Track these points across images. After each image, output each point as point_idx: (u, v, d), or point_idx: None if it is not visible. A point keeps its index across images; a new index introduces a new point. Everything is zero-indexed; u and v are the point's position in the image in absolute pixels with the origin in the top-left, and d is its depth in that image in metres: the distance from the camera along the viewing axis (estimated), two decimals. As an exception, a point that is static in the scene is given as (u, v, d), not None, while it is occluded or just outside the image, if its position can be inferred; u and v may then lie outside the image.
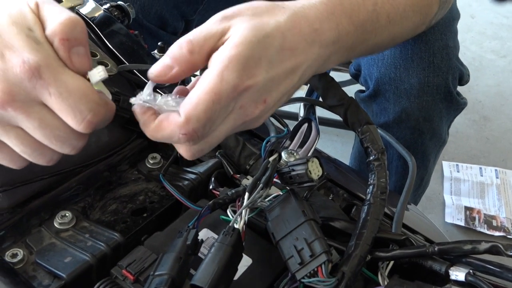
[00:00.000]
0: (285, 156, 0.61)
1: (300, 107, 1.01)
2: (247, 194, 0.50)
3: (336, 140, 1.87)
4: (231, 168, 0.62)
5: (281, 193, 0.54)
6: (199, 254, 0.50)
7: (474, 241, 0.48)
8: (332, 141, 1.87)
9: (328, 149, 1.82)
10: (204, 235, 0.53)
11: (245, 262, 0.51)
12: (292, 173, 0.51)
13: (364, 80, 0.93)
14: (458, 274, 0.48)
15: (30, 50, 0.39)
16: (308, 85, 0.97)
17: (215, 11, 1.10)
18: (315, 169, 0.51)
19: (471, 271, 0.47)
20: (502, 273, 0.46)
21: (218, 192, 0.58)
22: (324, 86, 0.57)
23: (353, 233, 0.51)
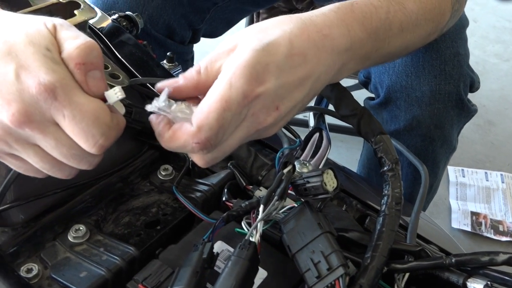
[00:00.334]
0: (297, 166, 0.61)
1: (310, 116, 1.01)
2: (262, 206, 0.49)
3: (341, 146, 1.87)
4: (243, 179, 0.62)
5: (295, 204, 0.54)
6: (214, 267, 0.49)
7: (491, 252, 0.48)
8: (337, 147, 1.87)
9: (333, 155, 1.81)
10: (219, 247, 0.53)
11: (260, 274, 0.51)
12: (307, 185, 0.50)
13: (374, 87, 0.93)
14: (476, 286, 0.47)
15: (47, 70, 0.39)
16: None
17: (222, 20, 1.12)
18: (330, 180, 0.50)
19: (489, 282, 0.47)
20: (521, 285, 0.46)
21: (231, 204, 0.58)
22: (337, 96, 0.56)
23: (369, 244, 0.50)
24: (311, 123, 0.74)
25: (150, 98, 0.68)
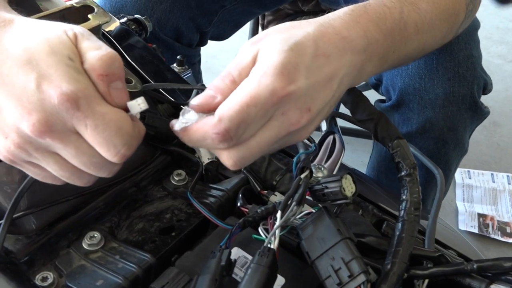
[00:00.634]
0: (313, 171, 0.60)
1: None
2: (279, 212, 0.49)
3: (347, 148, 1.85)
4: (257, 184, 0.61)
5: (312, 210, 0.53)
6: (232, 274, 0.49)
7: (515, 258, 0.47)
8: (342, 149, 1.86)
9: (339, 157, 1.80)
10: (235, 254, 0.52)
11: (278, 281, 0.50)
12: (326, 190, 0.50)
13: (386, 90, 0.92)
14: (499, 292, 0.47)
15: (70, 80, 0.38)
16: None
17: (229, 23, 1.11)
18: (349, 186, 0.50)
19: (512, 289, 0.46)
20: (545, 291, 0.45)
21: (246, 210, 0.57)
22: (353, 100, 0.56)
23: (388, 250, 0.50)
24: (323, 127, 0.73)
25: (161, 103, 0.68)
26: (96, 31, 0.54)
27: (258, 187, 0.61)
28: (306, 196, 0.52)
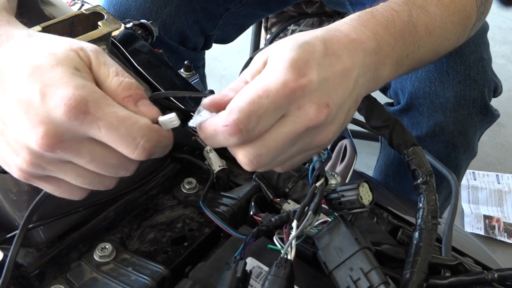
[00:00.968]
0: (325, 178, 0.59)
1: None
2: (295, 222, 0.48)
3: (350, 150, 1.85)
4: (270, 192, 0.60)
5: (328, 219, 0.52)
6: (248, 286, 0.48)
7: (537, 267, 0.46)
8: (346, 151, 1.85)
9: (343, 159, 1.80)
10: (250, 264, 0.51)
11: (294, 292, 0.49)
12: (342, 199, 0.49)
13: (394, 93, 0.91)
14: (521, 302, 0.46)
15: (75, 86, 0.37)
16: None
17: (233, 26, 1.11)
18: (366, 194, 0.49)
19: (534, 299, 0.45)
20: None
21: (259, 218, 0.56)
22: (368, 107, 0.55)
23: (406, 260, 0.49)
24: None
25: (170, 110, 0.67)
26: (106, 39, 0.53)
27: (271, 195, 0.60)
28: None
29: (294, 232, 0.47)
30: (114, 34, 0.77)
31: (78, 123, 0.37)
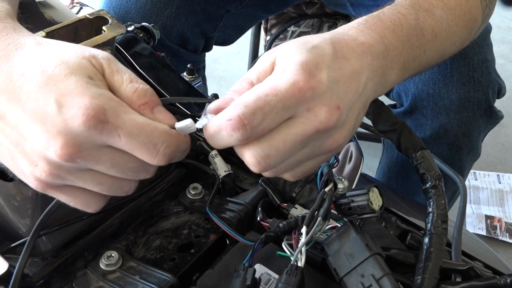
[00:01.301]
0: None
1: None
2: (305, 228, 0.47)
3: (351, 151, 1.85)
4: (277, 197, 0.59)
5: (337, 224, 0.51)
6: (257, 294, 0.47)
7: (550, 272, 0.45)
8: (347, 152, 1.84)
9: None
10: (258, 271, 0.51)
11: (304, 299, 0.48)
12: (352, 204, 0.48)
13: (397, 95, 0.91)
14: (535, 308, 0.45)
15: (92, 95, 0.37)
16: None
17: (234, 27, 1.10)
18: (376, 199, 0.48)
19: (548, 304, 0.45)
20: None
21: (267, 224, 0.55)
22: (375, 111, 0.54)
23: (417, 265, 0.48)
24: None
25: (174, 114, 0.66)
26: (111, 43, 0.52)
27: (278, 200, 0.59)
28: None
29: (304, 239, 0.46)
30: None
31: (97, 133, 0.37)
